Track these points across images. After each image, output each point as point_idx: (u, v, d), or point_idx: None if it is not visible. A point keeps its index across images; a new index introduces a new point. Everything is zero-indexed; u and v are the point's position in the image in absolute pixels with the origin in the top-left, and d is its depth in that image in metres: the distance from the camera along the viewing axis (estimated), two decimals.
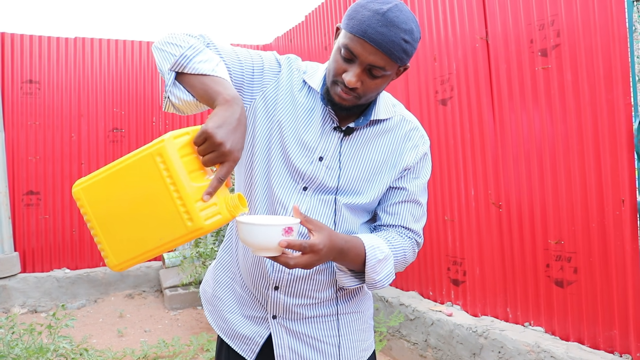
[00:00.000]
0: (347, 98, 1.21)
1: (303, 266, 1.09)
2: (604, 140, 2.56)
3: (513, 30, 3.01)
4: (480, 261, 3.30)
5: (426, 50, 3.69)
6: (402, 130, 1.37)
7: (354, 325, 1.43)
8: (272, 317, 1.36)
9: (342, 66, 1.19)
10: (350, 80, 1.17)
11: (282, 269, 1.31)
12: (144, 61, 6.06)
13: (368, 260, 1.23)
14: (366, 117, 1.31)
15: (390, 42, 1.13)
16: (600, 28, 2.55)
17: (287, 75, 1.34)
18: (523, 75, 2.96)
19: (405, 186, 1.36)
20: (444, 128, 3.54)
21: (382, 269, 1.26)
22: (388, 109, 1.36)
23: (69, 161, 5.66)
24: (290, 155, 1.30)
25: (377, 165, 1.33)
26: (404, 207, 1.37)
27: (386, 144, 1.35)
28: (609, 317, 2.58)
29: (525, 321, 3.03)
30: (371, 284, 1.28)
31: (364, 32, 1.13)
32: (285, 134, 1.31)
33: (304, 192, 1.31)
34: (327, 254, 1.12)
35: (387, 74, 1.19)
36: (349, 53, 1.17)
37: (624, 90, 2.46)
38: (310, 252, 1.09)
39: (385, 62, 1.16)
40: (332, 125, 1.31)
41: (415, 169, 1.37)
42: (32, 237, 5.49)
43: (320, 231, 1.12)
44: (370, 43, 1.13)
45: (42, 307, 5.29)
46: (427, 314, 3.47)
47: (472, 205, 3.34)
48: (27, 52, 5.51)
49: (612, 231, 2.55)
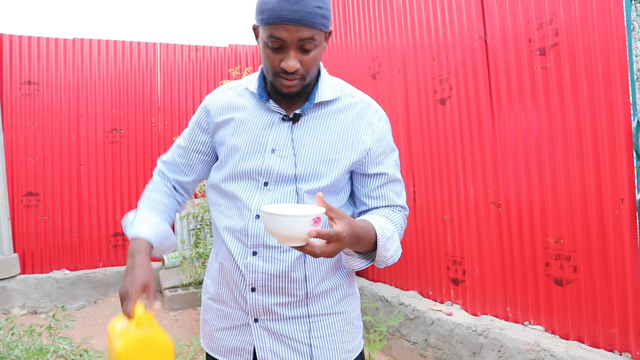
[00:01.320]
0: (293, 84, 1.27)
1: (328, 255, 1.11)
2: (603, 139, 2.56)
3: (511, 29, 3.01)
4: (480, 260, 3.30)
5: (425, 49, 3.70)
6: (354, 109, 1.39)
7: (336, 326, 1.42)
8: (254, 320, 1.37)
9: (276, 57, 1.24)
10: (290, 65, 1.22)
11: (256, 269, 1.33)
12: (142, 62, 6.06)
13: (379, 240, 1.26)
14: (310, 101, 1.35)
15: (307, 14, 1.18)
16: (599, 27, 2.55)
17: (214, 109, 1.44)
18: (522, 75, 2.96)
19: (382, 171, 1.40)
20: (443, 127, 3.54)
21: (391, 246, 1.31)
22: (334, 90, 1.39)
23: (68, 162, 5.66)
24: (244, 158, 1.35)
25: (333, 146, 1.35)
26: (387, 188, 1.42)
27: (339, 124, 1.37)
28: (608, 315, 2.58)
29: (525, 320, 3.03)
30: (383, 261, 1.31)
31: (280, 17, 1.18)
32: (237, 146, 1.37)
33: (265, 187, 1.34)
34: (349, 241, 1.14)
35: (317, 44, 1.24)
36: (277, 41, 1.22)
37: (623, 89, 2.47)
38: (336, 241, 1.10)
39: (312, 33, 1.21)
40: (279, 117, 1.35)
41: (382, 150, 1.40)
42: (31, 238, 5.49)
43: (342, 219, 1.13)
44: (290, 24, 1.18)
45: (42, 308, 5.28)
46: (427, 314, 3.48)
47: (471, 204, 3.34)
48: (26, 53, 5.51)
49: (611, 230, 2.55)
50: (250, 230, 1.33)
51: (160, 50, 6.17)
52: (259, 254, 1.33)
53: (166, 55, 6.20)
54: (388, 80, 4.11)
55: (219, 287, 1.44)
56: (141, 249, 1.32)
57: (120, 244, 5.92)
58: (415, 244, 3.89)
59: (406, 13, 3.87)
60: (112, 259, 5.87)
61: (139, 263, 1.28)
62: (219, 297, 1.44)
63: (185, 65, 6.29)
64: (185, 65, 6.29)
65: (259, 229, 1.32)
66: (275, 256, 1.33)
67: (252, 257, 1.33)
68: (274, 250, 1.33)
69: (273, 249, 1.33)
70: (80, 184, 5.72)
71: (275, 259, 1.33)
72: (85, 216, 5.73)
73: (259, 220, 1.32)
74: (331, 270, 1.41)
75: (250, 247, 1.33)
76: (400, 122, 3.97)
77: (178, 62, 6.26)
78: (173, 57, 6.24)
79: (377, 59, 4.24)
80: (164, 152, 5.54)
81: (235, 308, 1.40)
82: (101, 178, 5.81)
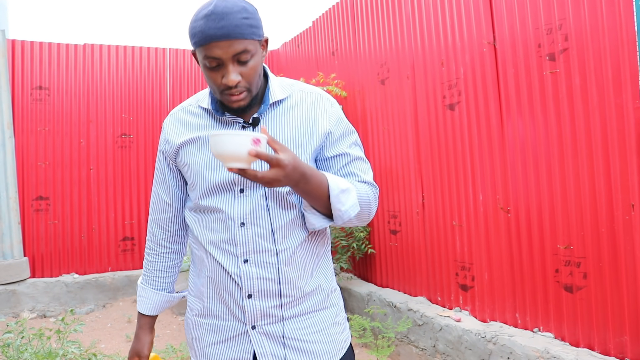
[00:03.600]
0: (240, 97, 1.29)
1: (269, 180, 1.13)
2: (613, 144, 2.55)
3: (521, 34, 3.00)
4: (489, 266, 3.29)
5: (434, 55, 3.69)
6: (307, 101, 1.42)
7: (329, 319, 1.45)
8: (252, 327, 1.37)
9: (217, 75, 1.26)
10: (230, 79, 1.24)
11: (250, 276, 1.34)
12: (152, 67, 6.09)
13: (331, 190, 1.27)
14: (265, 103, 1.38)
15: (235, 27, 1.21)
16: (609, 32, 2.54)
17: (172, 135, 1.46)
18: (531, 80, 2.95)
19: (343, 151, 1.42)
20: (452, 133, 3.53)
21: (346, 200, 1.31)
22: (285, 89, 1.42)
23: (78, 167, 5.70)
24: (214, 172, 1.36)
25: (294, 139, 1.37)
26: (351, 166, 1.43)
27: (296, 118, 1.39)
28: (619, 322, 2.56)
29: (535, 327, 3.01)
30: (338, 216, 1.31)
31: (209, 37, 1.21)
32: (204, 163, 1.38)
33: (242, 194, 1.35)
34: (291, 172, 1.16)
35: (252, 53, 1.26)
36: (213, 60, 1.24)
37: (633, 94, 2.45)
38: (277, 167, 1.13)
39: (244, 45, 1.23)
40: (239, 126, 1.37)
41: (341, 132, 1.42)
42: (41, 242, 5.52)
43: (285, 151, 1.16)
44: (219, 40, 1.21)
45: (51, 312, 5.31)
46: (436, 320, 3.46)
47: (480, 210, 3.33)
48: (37, 58, 5.57)
49: (621, 236, 2.53)
50: (239, 239, 1.34)
51: (169, 55, 6.20)
52: (251, 261, 1.34)
53: (175, 60, 6.23)
54: (397, 86, 4.11)
55: (207, 302, 1.44)
56: (141, 323, 1.61)
57: (129, 248, 5.94)
58: (424, 249, 3.87)
59: (415, 18, 3.87)
60: (121, 263, 5.90)
61: (136, 335, 1.60)
62: (209, 312, 1.44)
63: (194, 70, 6.32)
64: (194, 70, 6.32)
65: (247, 236, 1.34)
66: (267, 260, 1.34)
67: (244, 265, 1.34)
68: (266, 254, 1.34)
69: (265, 253, 1.34)
70: (89, 189, 5.75)
71: (268, 262, 1.34)
72: (94, 220, 5.76)
73: (244, 228, 1.33)
74: (315, 266, 1.44)
75: (241, 255, 1.34)
76: (409, 128, 3.97)
77: (187, 67, 6.29)
78: (182, 62, 6.27)
79: (385, 64, 4.24)
80: None
81: (229, 320, 1.40)
82: (110, 182, 5.84)
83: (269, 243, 1.34)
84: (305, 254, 1.40)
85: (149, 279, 1.60)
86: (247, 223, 1.33)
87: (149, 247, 1.60)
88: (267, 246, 1.34)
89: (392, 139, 4.18)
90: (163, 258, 1.59)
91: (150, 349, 1.58)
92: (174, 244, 1.59)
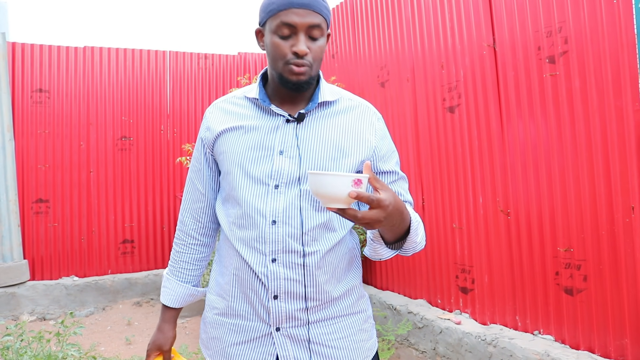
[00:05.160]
0: (302, 70, 1.29)
1: (370, 221, 1.08)
2: (613, 146, 2.55)
3: (520, 37, 3.01)
4: (489, 269, 3.28)
5: (433, 57, 3.70)
6: (355, 110, 1.43)
7: (356, 325, 1.43)
8: (276, 329, 1.35)
9: (286, 44, 1.28)
10: (301, 48, 1.26)
11: (277, 276, 1.32)
12: (152, 70, 6.10)
13: (412, 223, 1.25)
14: (314, 101, 1.37)
15: (315, 0, 1.26)
16: (609, 34, 2.54)
17: (214, 122, 1.45)
18: (531, 82, 2.96)
19: (391, 169, 1.43)
20: (452, 135, 3.53)
21: (420, 231, 1.30)
22: (333, 92, 1.43)
23: (78, 169, 5.70)
24: (252, 163, 1.35)
25: (339, 144, 1.36)
26: (396, 185, 1.44)
27: (342, 123, 1.39)
28: (620, 325, 2.56)
29: (535, 329, 3.00)
30: (412, 247, 1.30)
31: (290, 3, 1.25)
32: (243, 152, 1.37)
33: (276, 190, 1.33)
34: (392, 212, 1.12)
35: (323, 34, 1.30)
36: (288, 27, 1.26)
37: (633, 96, 2.45)
38: (378, 207, 1.08)
39: (320, 20, 1.28)
40: (283, 120, 1.36)
41: (386, 149, 1.43)
42: (41, 244, 5.52)
43: (387, 190, 1.12)
44: (301, 7, 1.25)
45: (51, 314, 5.30)
46: (436, 322, 3.46)
47: (480, 212, 3.33)
48: (37, 61, 5.57)
49: (622, 238, 2.53)
50: (268, 237, 1.32)
51: (169, 58, 6.21)
52: (279, 261, 1.32)
53: (175, 63, 6.24)
54: (397, 88, 4.11)
55: (232, 301, 1.41)
56: (165, 316, 1.58)
57: (129, 250, 5.93)
58: (424, 252, 3.87)
59: (415, 21, 3.87)
60: (121, 266, 5.89)
61: (159, 327, 1.57)
62: (232, 311, 1.41)
63: (194, 73, 6.33)
64: (194, 73, 6.33)
65: (277, 234, 1.31)
66: (295, 261, 1.32)
67: (271, 264, 1.32)
68: (294, 255, 1.32)
69: (293, 254, 1.32)
70: (89, 191, 5.75)
71: (296, 263, 1.32)
72: (94, 223, 5.76)
73: (275, 226, 1.31)
74: (346, 271, 1.42)
75: (269, 254, 1.32)
76: (409, 130, 3.97)
77: (187, 69, 6.30)
78: (182, 65, 6.28)
79: (385, 67, 4.25)
80: (173, 159, 5.51)
81: (253, 320, 1.38)
82: (110, 185, 5.84)
83: (298, 244, 1.32)
84: (335, 259, 1.38)
85: (174, 270, 1.59)
86: (278, 221, 1.31)
87: (177, 237, 1.59)
88: (296, 247, 1.32)
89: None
90: (191, 249, 1.57)
91: (172, 344, 1.57)
92: (203, 236, 1.57)
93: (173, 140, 6.15)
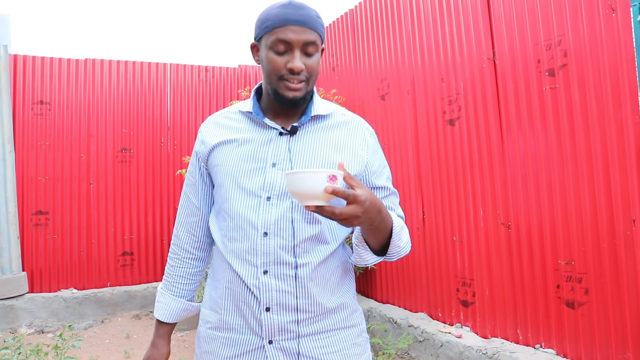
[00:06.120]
0: (298, 86, 1.31)
1: (347, 216, 1.09)
2: (614, 159, 2.55)
3: (520, 50, 3.02)
4: (490, 282, 3.27)
5: (434, 70, 3.71)
6: (348, 126, 1.44)
7: (349, 339, 1.42)
8: (269, 342, 1.34)
9: (282, 60, 1.30)
10: (296, 64, 1.28)
11: (269, 288, 1.31)
12: (152, 82, 6.12)
13: (395, 227, 1.27)
14: (307, 114, 1.39)
15: (310, 18, 1.28)
16: (608, 48, 2.55)
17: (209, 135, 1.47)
18: (531, 95, 2.96)
19: (382, 184, 1.44)
20: (452, 148, 3.54)
21: (404, 235, 1.32)
22: (327, 106, 1.44)
23: (78, 181, 5.70)
24: (245, 175, 1.36)
25: (331, 158, 1.37)
26: (388, 200, 1.45)
27: (335, 138, 1.40)
28: (622, 339, 2.54)
29: (536, 343, 2.98)
30: (396, 253, 1.32)
31: (286, 20, 1.27)
32: (236, 165, 1.38)
33: (268, 202, 1.33)
34: (369, 208, 1.13)
35: (318, 50, 1.33)
36: (283, 44, 1.28)
37: (633, 108, 2.46)
38: (355, 202, 1.10)
39: (315, 36, 1.30)
40: (276, 133, 1.37)
41: (377, 164, 1.44)
42: (40, 256, 5.50)
43: (362, 187, 1.14)
44: (296, 25, 1.27)
45: (49, 327, 5.27)
46: (437, 336, 3.43)
47: (480, 225, 3.32)
48: (39, 73, 5.59)
49: (623, 251, 2.52)
50: (260, 249, 1.32)
51: (170, 71, 6.23)
52: (270, 272, 1.31)
53: (176, 76, 6.26)
54: (397, 101, 4.12)
55: (224, 314, 1.41)
56: (160, 331, 1.57)
57: (128, 263, 5.92)
58: (425, 265, 3.86)
59: (415, 34, 3.89)
60: (120, 279, 5.87)
61: (153, 343, 1.56)
62: (225, 325, 1.41)
63: (195, 85, 6.35)
64: (195, 86, 6.35)
65: (268, 246, 1.31)
66: (287, 272, 1.32)
67: (263, 276, 1.31)
68: (286, 266, 1.31)
69: (285, 266, 1.31)
70: (89, 203, 5.74)
71: (288, 275, 1.32)
72: (94, 235, 5.75)
73: (267, 238, 1.31)
74: (339, 284, 1.42)
75: (261, 266, 1.32)
76: (409, 143, 3.98)
77: (188, 82, 6.32)
78: (183, 78, 6.30)
79: (386, 79, 4.26)
80: (173, 171, 5.50)
81: (246, 333, 1.37)
82: (110, 197, 5.83)
83: (290, 256, 1.32)
84: (327, 271, 1.38)
85: (169, 284, 1.58)
86: (270, 233, 1.31)
87: (172, 252, 1.58)
88: (288, 259, 1.32)
89: (392, 154, 4.19)
90: (185, 264, 1.57)
91: (166, 359, 1.56)
92: (198, 250, 1.57)
93: (173, 153, 6.15)
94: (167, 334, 1.57)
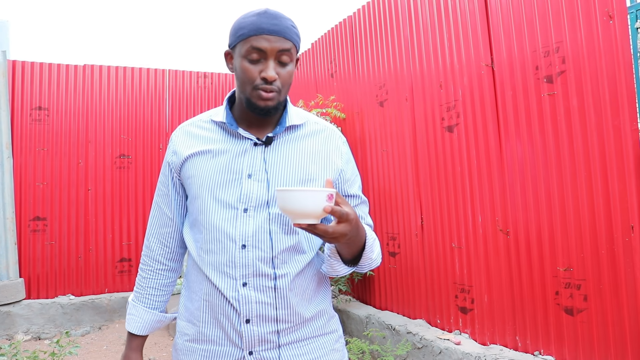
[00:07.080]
0: (270, 96, 1.30)
1: (338, 235, 1.11)
2: (612, 165, 2.55)
3: (518, 57, 3.03)
4: (489, 288, 3.26)
5: (432, 77, 3.72)
6: (322, 134, 1.45)
7: (328, 345, 1.43)
8: (249, 353, 1.34)
9: (255, 69, 1.29)
10: (270, 74, 1.27)
11: (249, 300, 1.31)
12: (150, 88, 6.13)
13: (368, 239, 1.29)
14: (282, 125, 1.39)
15: (285, 27, 1.28)
16: (605, 54, 2.56)
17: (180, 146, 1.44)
18: (529, 102, 2.97)
19: (354, 193, 1.46)
20: (451, 155, 3.54)
21: (375, 247, 1.34)
22: (300, 115, 1.44)
23: (76, 187, 5.69)
24: (221, 187, 1.35)
25: (307, 167, 1.37)
26: (359, 209, 1.46)
27: (310, 147, 1.41)
28: (621, 345, 2.53)
29: (535, 350, 2.98)
30: (367, 264, 1.34)
31: (261, 29, 1.26)
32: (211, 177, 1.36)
33: (245, 213, 1.33)
34: (355, 225, 1.15)
35: (293, 59, 1.32)
36: (257, 52, 1.27)
37: (631, 115, 2.46)
38: (346, 221, 1.12)
39: (290, 45, 1.29)
40: (251, 143, 1.37)
41: (350, 173, 1.46)
42: (37, 263, 5.48)
43: (348, 204, 1.15)
44: (270, 34, 1.26)
45: (46, 333, 5.25)
46: (435, 343, 3.42)
47: (479, 232, 3.32)
48: (37, 79, 5.60)
49: (621, 258, 2.52)
50: (238, 261, 1.31)
51: (168, 77, 6.24)
52: (250, 285, 1.31)
53: (175, 82, 6.27)
54: (395, 108, 4.13)
55: (202, 327, 1.39)
56: (132, 344, 1.54)
57: (126, 269, 5.90)
58: (423, 271, 3.85)
59: (413, 41, 3.90)
60: (118, 285, 5.85)
61: (126, 356, 1.53)
62: (204, 337, 1.39)
63: (193, 91, 6.36)
64: (193, 91, 6.36)
65: (246, 258, 1.31)
66: (266, 284, 1.31)
67: (242, 288, 1.31)
68: (265, 278, 1.31)
69: (264, 277, 1.31)
70: (87, 209, 5.73)
71: (267, 287, 1.31)
72: (91, 241, 5.73)
73: (245, 250, 1.31)
74: (315, 292, 1.42)
75: (239, 278, 1.31)
76: (407, 150, 3.98)
77: (186, 88, 6.33)
78: (181, 83, 6.31)
79: (384, 86, 4.27)
80: None
81: (226, 345, 1.36)
82: (108, 203, 5.82)
83: (268, 267, 1.31)
84: (305, 280, 1.38)
85: (140, 296, 1.55)
86: (248, 245, 1.30)
87: (143, 263, 1.56)
88: (267, 270, 1.31)
89: (390, 160, 4.19)
90: (158, 275, 1.54)
91: None
92: (170, 261, 1.55)
93: None
94: (140, 346, 1.55)
